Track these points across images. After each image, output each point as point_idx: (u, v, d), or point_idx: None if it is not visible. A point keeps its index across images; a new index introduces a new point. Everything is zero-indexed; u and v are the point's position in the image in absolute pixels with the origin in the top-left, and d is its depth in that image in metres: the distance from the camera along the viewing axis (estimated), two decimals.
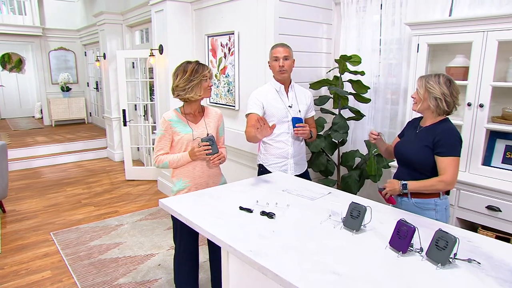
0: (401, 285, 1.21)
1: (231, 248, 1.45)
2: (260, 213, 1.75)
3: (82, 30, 9.05)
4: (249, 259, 1.36)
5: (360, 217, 1.56)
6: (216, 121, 2.44)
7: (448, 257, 1.30)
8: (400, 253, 1.39)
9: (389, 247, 1.44)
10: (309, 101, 2.76)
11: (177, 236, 2.46)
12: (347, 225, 1.59)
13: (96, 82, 9.07)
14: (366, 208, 1.56)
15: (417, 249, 1.41)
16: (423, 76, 2.04)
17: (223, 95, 4.06)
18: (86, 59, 9.65)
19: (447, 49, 2.85)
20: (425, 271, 1.29)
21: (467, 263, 1.34)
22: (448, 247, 1.30)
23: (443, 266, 1.30)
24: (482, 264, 1.33)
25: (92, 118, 9.91)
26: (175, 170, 2.36)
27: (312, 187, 2.20)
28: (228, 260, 1.73)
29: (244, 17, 3.57)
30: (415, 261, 1.36)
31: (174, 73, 2.28)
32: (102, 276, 3.01)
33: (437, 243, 1.33)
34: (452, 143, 1.95)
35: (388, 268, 1.31)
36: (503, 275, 1.26)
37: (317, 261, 1.34)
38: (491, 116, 2.59)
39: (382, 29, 3.27)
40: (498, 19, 2.37)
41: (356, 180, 3.05)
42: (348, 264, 1.33)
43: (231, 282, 1.84)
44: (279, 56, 2.55)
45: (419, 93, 2.03)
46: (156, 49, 4.54)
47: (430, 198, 2.04)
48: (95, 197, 4.84)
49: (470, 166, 2.61)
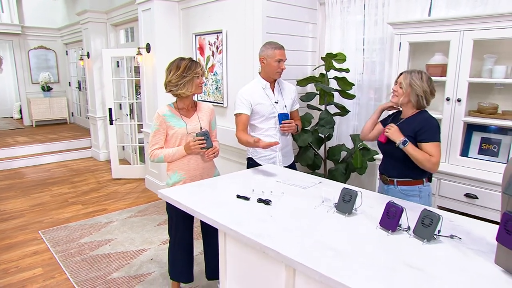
0: (391, 258, 1.32)
1: (232, 232, 1.54)
2: (256, 200, 1.84)
3: (64, 29, 8.91)
4: (251, 240, 1.45)
5: (352, 201, 1.67)
6: (209, 116, 2.51)
7: (433, 233, 1.42)
8: (390, 232, 1.51)
9: (380, 227, 1.56)
10: (294, 95, 2.85)
11: (172, 229, 2.52)
12: (339, 209, 1.70)
13: (79, 82, 8.95)
14: (357, 193, 1.68)
15: (405, 228, 1.53)
16: (407, 71, 2.16)
17: (211, 92, 4.13)
18: (67, 58, 9.50)
19: (427, 48, 3.01)
20: (413, 246, 1.41)
21: (450, 239, 1.46)
22: (433, 224, 1.42)
23: (428, 242, 1.43)
24: (463, 239, 1.46)
25: (74, 118, 9.76)
26: (170, 164, 2.42)
27: (303, 177, 2.31)
28: (226, 245, 1.82)
29: (232, 16, 3.65)
30: (403, 238, 1.47)
31: (167, 69, 2.34)
32: (95, 271, 3.03)
33: (423, 221, 1.46)
34: (433, 130, 2.08)
35: (380, 245, 1.42)
36: (482, 248, 1.39)
37: (315, 240, 1.44)
38: (468, 110, 2.76)
39: (365, 29, 3.42)
40: (473, 20, 2.54)
41: (342, 173, 3.18)
42: (343, 242, 1.43)
43: (228, 267, 1.92)
44: (283, 59, 2.64)
45: (403, 87, 2.15)
46: (144, 47, 4.57)
47: (415, 185, 2.18)
48: (82, 196, 4.82)
49: (450, 157, 2.77)
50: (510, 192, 1.20)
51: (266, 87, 2.72)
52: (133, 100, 5.72)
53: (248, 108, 2.68)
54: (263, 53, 2.67)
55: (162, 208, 4.32)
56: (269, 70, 2.66)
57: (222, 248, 1.91)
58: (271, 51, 2.62)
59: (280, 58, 2.62)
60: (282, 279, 1.61)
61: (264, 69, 2.70)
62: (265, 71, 2.69)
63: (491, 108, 2.67)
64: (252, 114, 2.68)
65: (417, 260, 1.30)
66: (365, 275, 1.21)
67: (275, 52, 2.62)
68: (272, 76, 2.69)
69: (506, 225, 1.23)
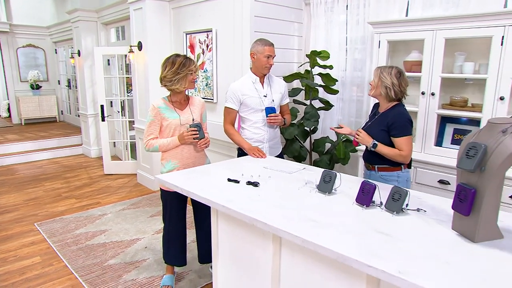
0: (364, 227, 1.51)
1: (225, 208, 1.71)
2: (246, 183, 2.02)
3: (53, 27, 8.95)
4: (242, 214, 1.63)
5: (332, 181, 1.86)
6: (200, 109, 2.69)
7: (401, 206, 1.63)
8: (364, 207, 1.70)
9: (356, 203, 1.75)
10: (283, 90, 3.00)
11: (166, 215, 2.68)
12: (320, 189, 1.90)
13: (68, 80, 9.00)
14: (336, 174, 1.87)
15: (378, 204, 1.73)
16: (380, 66, 2.38)
17: (201, 89, 4.30)
18: (56, 57, 9.53)
19: (405, 45, 3.23)
20: (384, 218, 1.60)
21: (416, 211, 1.67)
22: (401, 198, 1.62)
23: (397, 214, 1.63)
24: (427, 211, 1.67)
25: (64, 116, 9.79)
26: (164, 153, 2.58)
27: (289, 164, 2.50)
28: (218, 224, 2.00)
29: (221, 15, 3.82)
30: (376, 212, 1.67)
31: (163, 64, 2.50)
32: (91, 259, 3.17)
33: (393, 196, 1.66)
34: (403, 125, 2.28)
35: (355, 217, 1.61)
36: (442, 218, 1.60)
37: (298, 214, 1.63)
38: (441, 104, 2.99)
39: (348, 28, 3.63)
40: (445, 20, 2.76)
41: (327, 163, 3.38)
42: (323, 215, 1.62)
43: (220, 245, 2.10)
44: (272, 55, 2.80)
45: (374, 81, 2.37)
46: (135, 45, 4.71)
47: (394, 171, 2.40)
48: (76, 191, 4.93)
49: (425, 147, 2.99)
50: (461, 166, 1.40)
51: (256, 81, 2.89)
52: (124, 97, 5.84)
53: (236, 104, 2.86)
54: (253, 49, 2.83)
55: (155, 201, 4.47)
56: (259, 65, 2.82)
57: (214, 227, 2.09)
58: (261, 47, 2.79)
59: (269, 54, 2.79)
60: (269, 251, 1.80)
61: (254, 64, 2.86)
62: (255, 66, 2.86)
63: (462, 101, 2.90)
64: (241, 106, 2.86)
65: (386, 228, 1.50)
66: (340, 239, 1.40)
67: (264, 48, 2.78)
68: (261, 71, 2.85)
69: (459, 194, 1.44)
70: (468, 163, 1.39)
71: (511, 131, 1.36)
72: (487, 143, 1.38)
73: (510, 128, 1.36)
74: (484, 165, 1.36)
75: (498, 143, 1.35)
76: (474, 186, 1.40)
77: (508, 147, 1.33)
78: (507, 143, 1.34)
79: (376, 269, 1.21)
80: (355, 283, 1.46)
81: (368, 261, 1.24)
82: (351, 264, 1.27)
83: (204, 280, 2.86)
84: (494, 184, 1.37)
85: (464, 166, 1.40)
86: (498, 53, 2.57)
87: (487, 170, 1.35)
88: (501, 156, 1.33)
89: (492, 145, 1.36)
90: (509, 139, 1.34)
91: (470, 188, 1.40)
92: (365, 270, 1.24)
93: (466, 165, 1.39)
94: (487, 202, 1.38)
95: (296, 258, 1.69)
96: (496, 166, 1.33)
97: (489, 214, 1.40)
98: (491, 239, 1.42)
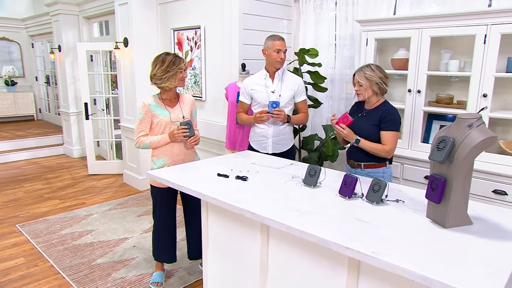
0: (344, 215, 1.74)
1: (214, 200, 1.92)
2: (235, 177, 2.24)
3: (29, 20, 8.99)
4: (231, 205, 1.84)
5: (316, 175, 2.09)
6: (190, 106, 2.89)
7: (381, 197, 1.85)
8: (347, 198, 1.93)
9: (339, 195, 1.98)
10: (297, 87, 3.10)
11: (156, 211, 2.88)
12: (306, 182, 2.12)
13: (47, 76, 9.09)
14: (320, 168, 2.10)
15: (359, 196, 1.96)
16: (358, 70, 2.59)
17: (189, 86, 4.49)
18: (33, 51, 9.60)
19: (392, 43, 3.48)
20: (365, 208, 1.83)
21: (396, 202, 1.90)
22: (381, 190, 1.85)
23: (377, 204, 1.85)
24: (406, 202, 1.90)
25: (42, 114, 9.87)
26: (154, 150, 2.78)
27: (277, 160, 2.73)
28: (208, 217, 2.21)
29: (209, 12, 4.03)
30: (357, 202, 1.90)
31: (153, 62, 2.70)
32: (79, 258, 3.34)
33: (373, 188, 1.89)
34: (395, 120, 2.54)
35: (337, 207, 1.84)
36: (419, 207, 1.83)
37: (284, 204, 1.84)
38: (427, 101, 3.24)
39: (336, 25, 3.87)
40: (430, 18, 3.00)
41: (315, 160, 3.61)
42: (307, 206, 1.84)
43: (210, 238, 2.31)
44: (282, 49, 3.00)
45: (362, 85, 2.57)
46: (121, 42, 4.88)
47: (379, 167, 2.64)
48: (58, 191, 5.08)
49: (412, 144, 3.24)
50: (432, 158, 1.64)
51: (267, 77, 3.11)
52: (109, 95, 5.99)
53: (247, 97, 3.16)
54: (264, 46, 3.06)
55: (142, 201, 4.65)
56: (271, 61, 3.03)
57: (205, 220, 2.29)
58: (271, 42, 3.01)
59: (279, 48, 2.99)
60: (257, 242, 2.01)
61: (267, 60, 3.09)
62: (268, 62, 3.08)
63: (448, 98, 3.16)
64: (252, 100, 3.14)
65: (365, 216, 1.72)
66: (322, 225, 1.62)
67: (274, 43, 3.00)
68: (274, 66, 3.05)
69: (431, 184, 1.67)
70: (438, 155, 1.62)
71: (476, 125, 1.60)
72: (455, 136, 1.61)
73: (476, 123, 1.60)
74: (452, 156, 1.60)
75: (464, 136, 1.59)
76: (444, 176, 1.63)
77: (473, 140, 1.56)
78: (472, 136, 1.57)
79: (353, 250, 1.43)
80: (337, 268, 1.68)
81: (346, 243, 1.46)
82: (330, 247, 1.49)
83: (194, 276, 3.06)
84: (462, 174, 1.60)
85: (434, 158, 1.63)
86: (481, 51, 2.82)
87: (455, 161, 1.59)
88: (466, 148, 1.56)
89: (459, 138, 1.60)
90: (474, 132, 1.58)
91: (440, 178, 1.63)
92: (343, 252, 1.46)
93: (436, 157, 1.62)
94: (456, 190, 1.61)
95: (282, 248, 1.90)
96: (463, 157, 1.56)
97: (458, 201, 1.63)
98: (461, 225, 1.65)
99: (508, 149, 2.86)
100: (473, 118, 1.61)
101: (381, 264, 1.37)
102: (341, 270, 1.67)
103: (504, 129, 3.02)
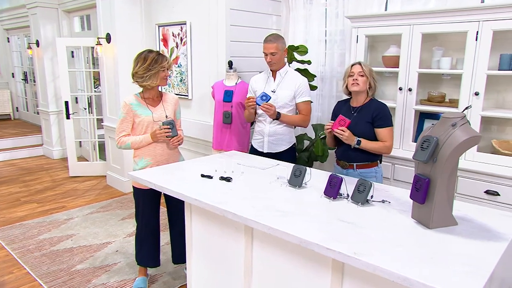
0: (328, 216, 1.79)
1: (196, 201, 1.97)
2: (219, 178, 2.28)
3: (3, 12, 8.87)
4: (213, 206, 1.89)
5: (302, 175, 2.14)
6: (173, 105, 2.93)
7: (366, 197, 1.91)
8: (332, 199, 1.99)
9: (324, 195, 2.03)
10: (297, 87, 3.13)
11: (139, 214, 2.91)
12: (291, 183, 2.17)
13: (25, 73, 9.05)
14: (306, 168, 2.15)
15: (345, 196, 2.01)
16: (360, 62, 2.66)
17: (175, 85, 4.53)
18: (9, 46, 9.53)
19: (384, 40, 3.55)
20: (350, 209, 1.89)
21: (381, 203, 1.96)
22: (366, 190, 1.91)
23: (362, 205, 1.91)
24: (391, 203, 1.96)
25: (19, 113, 9.81)
26: (137, 151, 2.82)
27: (264, 160, 2.78)
28: (191, 219, 2.25)
29: (195, 7, 4.07)
30: (343, 203, 1.95)
31: (134, 60, 2.74)
32: (57, 264, 3.36)
33: (358, 188, 1.94)
34: (387, 116, 2.64)
35: (321, 208, 1.89)
36: (405, 208, 1.89)
37: (266, 205, 1.89)
38: (419, 99, 3.31)
39: (327, 21, 3.93)
40: (421, 15, 3.08)
41: (305, 161, 3.66)
42: (291, 206, 1.89)
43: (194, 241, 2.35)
44: (267, 53, 3.08)
45: (365, 75, 2.62)
46: (103, 37, 4.89)
47: (371, 167, 2.72)
48: (37, 195, 5.07)
49: (403, 143, 3.31)
50: (416, 158, 1.70)
51: (270, 76, 3.23)
52: (91, 93, 6.00)
53: (252, 94, 3.25)
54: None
55: (126, 204, 4.68)
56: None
57: (188, 223, 2.34)
58: (263, 44, 3.12)
59: (264, 51, 3.10)
60: (241, 244, 2.06)
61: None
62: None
63: (439, 96, 3.23)
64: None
65: (349, 217, 1.78)
66: (304, 226, 1.67)
67: (263, 45, 3.12)
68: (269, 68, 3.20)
69: (416, 184, 1.73)
70: (422, 154, 1.68)
71: (460, 124, 1.66)
72: (439, 136, 1.67)
73: (460, 122, 1.66)
74: (436, 156, 1.66)
75: (448, 136, 1.65)
76: (428, 176, 1.69)
77: (456, 139, 1.62)
78: (456, 135, 1.63)
79: (334, 251, 1.48)
80: (321, 270, 1.73)
81: (328, 244, 1.51)
82: (312, 247, 1.54)
83: (179, 281, 3.10)
84: (446, 173, 1.66)
85: (418, 158, 1.69)
86: (473, 49, 2.89)
87: (439, 161, 1.65)
88: (450, 147, 1.62)
89: (443, 138, 1.66)
90: (458, 131, 1.64)
91: (424, 178, 1.69)
92: (324, 253, 1.51)
93: (420, 157, 1.68)
94: (440, 190, 1.67)
95: (267, 250, 1.95)
96: (446, 156, 1.62)
97: (443, 202, 1.69)
98: (445, 225, 1.71)
99: (501, 148, 2.94)
100: (457, 117, 1.67)
101: (362, 265, 1.42)
102: (326, 271, 1.72)
103: (498, 128, 3.10)
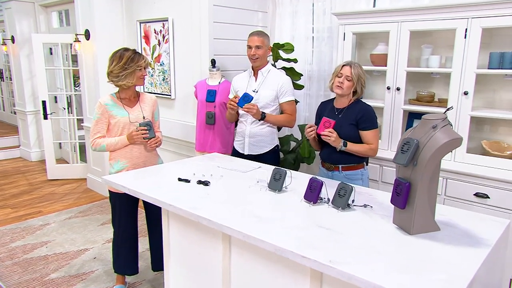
0: (307, 222, 1.79)
1: (171, 207, 1.96)
2: (196, 182, 2.28)
3: None
4: (187, 212, 1.88)
5: (282, 179, 2.14)
6: (151, 106, 2.92)
7: (347, 202, 1.92)
8: (312, 203, 1.99)
9: (304, 200, 2.04)
10: (279, 87, 3.09)
11: (115, 219, 2.89)
12: (271, 187, 2.18)
13: (0, 70, 8.96)
14: (286, 172, 2.15)
15: (325, 200, 2.02)
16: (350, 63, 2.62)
17: (158, 84, 4.51)
18: None
19: (372, 38, 3.56)
20: (330, 214, 1.89)
21: (363, 208, 1.97)
22: (347, 194, 1.91)
23: (343, 210, 1.92)
24: (374, 207, 1.97)
25: None
26: (112, 153, 2.80)
27: (245, 163, 2.78)
28: (169, 226, 2.24)
29: (178, 3, 4.05)
30: (323, 208, 1.96)
31: (110, 58, 2.72)
32: (29, 273, 3.32)
33: (339, 192, 1.95)
34: (372, 118, 2.64)
35: (300, 213, 1.89)
36: (387, 213, 1.90)
37: (243, 210, 1.89)
38: (408, 99, 3.33)
39: (314, 18, 3.94)
40: (409, 11, 3.09)
41: (291, 163, 3.67)
42: (269, 212, 1.90)
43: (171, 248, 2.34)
44: (252, 45, 3.05)
45: (352, 79, 2.58)
46: (82, 34, 4.86)
47: (357, 170, 2.73)
48: (11, 199, 5.01)
49: (391, 144, 3.32)
50: (396, 161, 1.70)
51: (251, 75, 3.20)
52: (71, 92, 5.95)
53: (234, 94, 3.21)
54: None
55: (107, 208, 4.64)
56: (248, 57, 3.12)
57: (166, 229, 2.33)
58: (248, 37, 3.09)
59: (249, 44, 3.07)
60: (219, 252, 2.05)
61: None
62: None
63: (428, 96, 3.25)
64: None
65: (328, 223, 1.78)
66: (281, 233, 1.67)
67: (248, 38, 3.09)
68: (251, 63, 3.14)
69: (396, 189, 1.74)
70: (401, 157, 1.69)
71: (441, 126, 1.67)
72: (419, 138, 1.68)
73: (441, 123, 1.67)
74: (416, 159, 1.66)
75: (429, 138, 1.66)
76: (409, 180, 1.70)
77: (437, 141, 1.63)
78: (437, 137, 1.64)
79: (309, 259, 1.48)
80: (299, 279, 1.73)
81: (303, 252, 1.51)
82: (287, 255, 1.54)
83: None
84: (427, 177, 1.67)
85: (398, 161, 1.70)
86: (462, 46, 2.90)
87: (419, 164, 1.66)
88: (430, 150, 1.63)
89: (423, 140, 1.67)
90: (439, 133, 1.65)
91: (405, 182, 1.70)
92: (299, 261, 1.51)
93: (400, 160, 1.69)
94: (421, 195, 1.68)
95: (245, 258, 1.95)
96: (426, 159, 1.63)
97: (424, 207, 1.70)
98: (427, 231, 1.72)
99: (491, 149, 2.96)
100: (438, 119, 1.68)
101: (337, 273, 1.42)
102: (304, 280, 1.72)
103: (490, 128, 3.12)
